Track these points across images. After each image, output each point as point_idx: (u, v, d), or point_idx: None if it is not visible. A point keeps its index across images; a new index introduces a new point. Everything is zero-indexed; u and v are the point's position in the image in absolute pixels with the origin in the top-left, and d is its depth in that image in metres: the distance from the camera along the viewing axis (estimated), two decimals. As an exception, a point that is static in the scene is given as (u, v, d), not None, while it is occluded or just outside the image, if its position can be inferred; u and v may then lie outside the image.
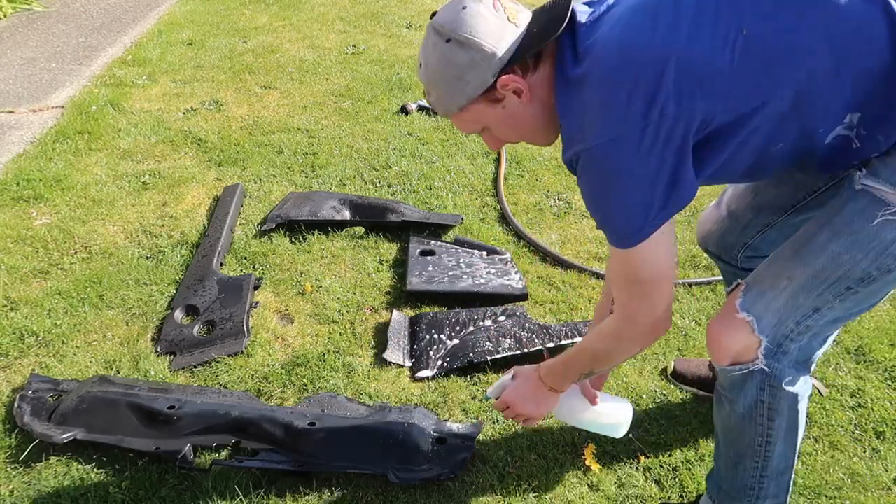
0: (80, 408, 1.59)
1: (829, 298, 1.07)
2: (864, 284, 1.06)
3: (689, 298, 2.11)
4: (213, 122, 3.17)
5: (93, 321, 1.96)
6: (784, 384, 1.14)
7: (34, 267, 2.18)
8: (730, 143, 1.02)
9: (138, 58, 3.89)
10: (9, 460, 1.55)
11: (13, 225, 2.38)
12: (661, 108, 0.95)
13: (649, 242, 1.03)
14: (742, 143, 1.02)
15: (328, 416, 1.58)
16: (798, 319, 1.10)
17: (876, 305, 1.12)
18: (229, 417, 1.56)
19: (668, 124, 0.96)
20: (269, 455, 1.51)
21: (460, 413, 1.69)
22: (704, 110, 0.97)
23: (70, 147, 2.90)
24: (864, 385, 1.81)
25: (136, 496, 1.46)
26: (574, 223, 2.47)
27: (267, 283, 2.13)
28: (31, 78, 3.64)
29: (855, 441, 1.65)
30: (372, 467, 1.48)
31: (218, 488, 1.48)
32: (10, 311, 1.99)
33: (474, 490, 1.50)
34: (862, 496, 1.51)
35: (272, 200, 2.55)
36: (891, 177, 1.02)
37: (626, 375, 1.81)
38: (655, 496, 1.50)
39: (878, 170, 1.03)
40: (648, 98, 0.95)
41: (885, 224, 1.02)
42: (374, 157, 2.86)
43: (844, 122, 1.00)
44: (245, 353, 1.85)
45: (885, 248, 1.03)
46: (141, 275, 2.15)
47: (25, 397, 1.66)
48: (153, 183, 2.66)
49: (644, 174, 0.99)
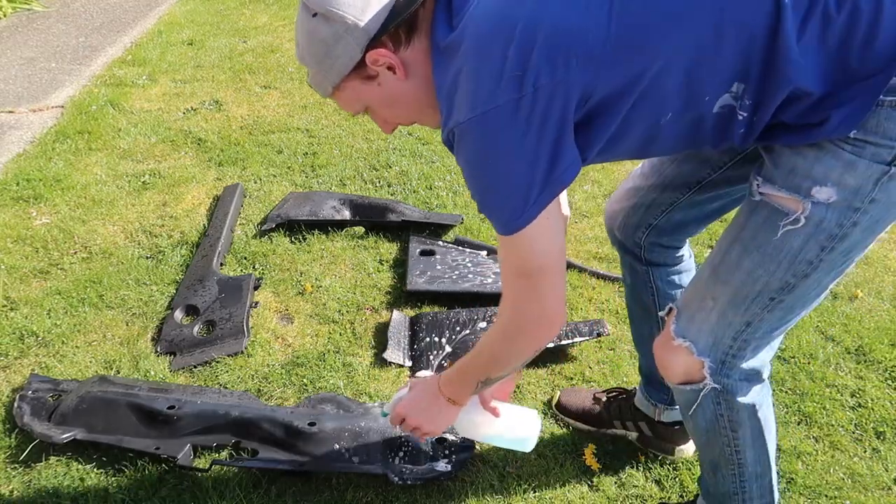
0: (80, 408, 1.59)
1: (757, 312, 1.06)
2: (786, 292, 1.04)
3: (689, 298, 2.11)
4: (213, 121, 3.17)
5: (93, 321, 1.96)
6: (738, 397, 1.13)
7: (34, 267, 2.18)
8: (615, 117, 0.96)
9: (138, 58, 3.89)
10: (9, 460, 1.55)
11: (13, 225, 2.38)
12: (534, 80, 0.89)
13: (535, 228, 0.96)
14: (628, 116, 0.96)
15: (328, 415, 1.58)
16: (733, 336, 1.08)
17: (820, 300, 1.10)
18: (229, 417, 1.56)
19: (543, 97, 0.90)
20: (269, 455, 1.51)
21: (460, 413, 1.69)
22: (583, 82, 0.91)
23: (70, 147, 2.90)
24: (865, 385, 1.81)
25: (136, 496, 1.46)
26: (574, 223, 2.47)
27: (267, 283, 2.13)
28: (30, 78, 3.64)
29: (855, 441, 1.65)
30: (372, 467, 1.48)
31: (218, 488, 1.48)
32: (10, 311, 1.99)
33: (474, 490, 1.50)
34: (862, 496, 1.51)
35: (272, 200, 2.55)
36: (785, 180, 0.99)
37: (626, 375, 1.81)
38: (655, 496, 1.50)
39: (773, 175, 1.00)
40: (520, 69, 0.89)
41: (789, 234, 0.99)
42: (374, 157, 2.86)
43: (731, 90, 0.94)
44: (245, 353, 1.85)
45: (795, 257, 1.01)
46: (141, 275, 2.14)
47: (25, 397, 1.66)
48: (153, 183, 2.66)
49: (521, 151, 0.92)
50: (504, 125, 0.91)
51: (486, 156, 0.95)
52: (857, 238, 1.00)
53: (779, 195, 1.00)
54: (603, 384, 1.77)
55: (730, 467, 1.23)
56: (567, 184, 0.96)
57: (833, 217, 0.97)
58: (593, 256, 2.29)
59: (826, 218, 0.97)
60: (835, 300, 2.15)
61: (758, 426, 1.18)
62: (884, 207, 0.97)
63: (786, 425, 1.69)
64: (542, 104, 0.90)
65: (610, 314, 2.03)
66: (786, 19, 0.88)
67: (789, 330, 1.98)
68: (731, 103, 0.95)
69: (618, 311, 2.04)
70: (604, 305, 2.07)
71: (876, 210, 0.96)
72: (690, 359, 1.11)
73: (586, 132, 0.97)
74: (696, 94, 0.95)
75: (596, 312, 2.04)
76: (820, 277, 1.03)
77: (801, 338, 1.97)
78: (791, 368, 1.86)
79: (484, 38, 0.92)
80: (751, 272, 1.04)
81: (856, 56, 0.89)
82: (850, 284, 2.22)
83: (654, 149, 1.08)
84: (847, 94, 0.90)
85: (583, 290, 2.12)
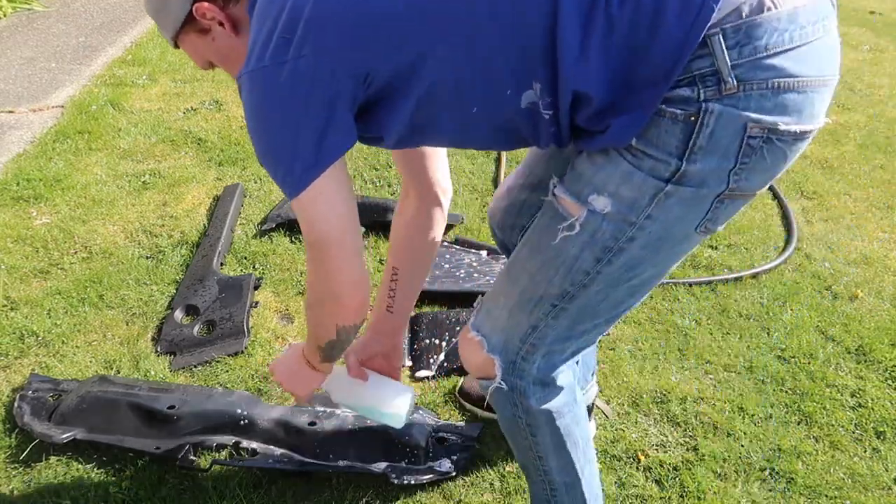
0: (80, 408, 1.59)
1: (541, 317, 1.04)
2: (567, 301, 1.01)
3: (689, 298, 2.11)
4: (213, 121, 3.17)
5: (93, 321, 1.96)
6: (532, 402, 1.10)
7: (34, 267, 2.17)
8: (406, 101, 0.94)
9: (138, 57, 3.89)
10: (9, 460, 1.55)
11: (13, 225, 2.38)
12: (299, 50, 0.88)
13: (310, 197, 0.95)
14: (426, 103, 0.94)
15: (328, 415, 1.58)
16: (521, 338, 1.06)
17: (619, 315, 1.07)
18: (229, 417, 1.56)
19: (308, 68, 0.89)
20: (269, 455, 1.51)
21: (460, 413, 1.69)
22: (358, 60, 0.90)
23: (70, 147, 2.90)
24: (865, 385, 1.81)
25: (136, 496, 1.46)
26: (574, 223, 2.47)
27: (267, 282, 2.13)
28: (30, 78, 3.64)
29: (855, 441, 1.65)
30: (372, 467, 1.48)
31: (218, 488, 1.48)
32: (10, 311, 1.99)
33: (474, 490, 1.50)
34: (862, 496, 1.51)
35: (272, 200, 2.55)
36: (571, 184, 0.98)
37: (626, 375, 1.81)
38: (655, 496, 1.50)
39: (567, 177, 0.99)
40: (289, 33, 0.89)
41: (566, 240, 0.98)
42: (375, 157, 2.86)
43: (533, 87, 0.92)
44: (245, 353, 1.85)
45: (571, 265, 0.99)
46: (141, 275, 2.14)
47: (25, 397, 1.66)
48: (153, 183, 2.66)
49: (285, 117, 0.92)
50: (270, 87, 0.91)
51: (254, 115, 0.95)
52: (638, 255, 0.97)
53: (563, 198, 0.98)
54: (603, 384, 1.77)
55: (537, 473, 1.21)
56: (335, 157, 0.95)
57: (608, 229, 0.95)
58: (593, 256, 2.29)
59: (601, 228, 0.95)
60: (835, 300, 2.15)
61: (558, 435, 1.14)
62: (662, 226, 0.94)
63: (786, 425, 1.69)
64: (307, 75, 0.89)
65: (610, 314, 2.03)
66: (563, 20, 0.85)
67: (788, 330, 1.99)
68: (534, 100, 0.93)
69: (618, 310, 2.04)
70: (604, 305, 2.07)
71: (654, 228, 0.94)
72: (483, 354, 1.09)
73: (377, 113, 0.97)
74: (494, 88, 0.93)
75: (596, 312, 2.04)
76: (605, 291, 1.00)
77: (801, 338, 1.97)
78: (791, 368, 1.86)
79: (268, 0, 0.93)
80: (533, 275, 1.02)
81: (639, 63, 0.86)
82: (850, 284, 2.22)
83: (473, 140, 1.06)
84: (629, 102, 0.88)
85: (583, 289, 2.12)
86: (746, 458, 1.60)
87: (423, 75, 0.92)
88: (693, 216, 0.95)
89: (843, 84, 4.07)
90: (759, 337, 1.98)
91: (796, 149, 0.92)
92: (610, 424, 1.66)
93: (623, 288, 1.02)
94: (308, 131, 0.93)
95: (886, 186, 2.90)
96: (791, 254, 2.36)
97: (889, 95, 3.95)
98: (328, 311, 1.09)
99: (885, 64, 4.52)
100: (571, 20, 0.85)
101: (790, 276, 2.26)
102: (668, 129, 0.88)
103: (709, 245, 2.40)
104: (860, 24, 5.41)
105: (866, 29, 5.28)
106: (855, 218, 2.64)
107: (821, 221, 2.61)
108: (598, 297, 1.02)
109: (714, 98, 0.85)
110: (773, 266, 2.28)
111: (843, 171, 3.02)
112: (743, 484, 1.53)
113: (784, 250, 2.38)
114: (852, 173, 3.00)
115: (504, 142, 1.05)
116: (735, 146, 0.87)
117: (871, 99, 3.87)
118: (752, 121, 0.86)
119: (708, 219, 0.95)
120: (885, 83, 4.14)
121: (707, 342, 1.94)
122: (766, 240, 2.45)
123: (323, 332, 1.14)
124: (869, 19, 5.59)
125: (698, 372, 1.84)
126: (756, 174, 0.91)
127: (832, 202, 2.75)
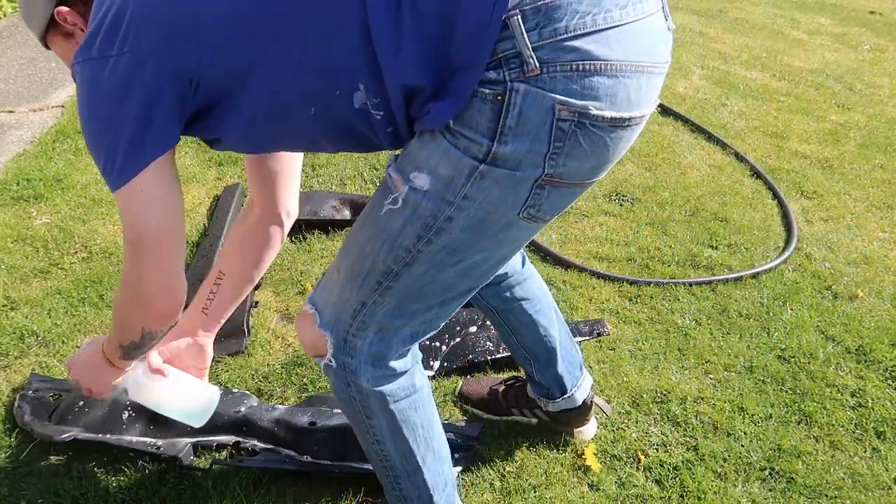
0: (80, 408, 1.59)
1: (369, 293, 1.03)
2: (392, 279, 1.01)
3: (689, 298, 2.11)
4: (213, 121, 3.17)
5: (93, 321, 1.96)
6: (364, 382, 1.09)
7: (34, 266, 2.17)
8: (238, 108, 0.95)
9: (138, 57, 3.88)
10: (9, 460, 1.55)
11: (13, 225, 2.38)
12: (121, 47, 0.90)
13: (130, 195, 0.96)
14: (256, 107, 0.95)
15: (328, 415, 1.58)
16: (352, 314, 1.05)
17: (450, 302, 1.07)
18: (229, 417, 1.56)
19: (128, 66, 0.90)
20: (269, 455, 1.51)
21: (460, 413, 1.69)
22: (178, 62, 0.91)
23: (70, 147, 2.90)
24: (865, 385, 1.81)
25: (136, 496, 1.46)
26: (574, 223, 2.47)
27: (267, 282, 2.13)
28: (31, 77, 3.64)
29: (855, 441, 1.65)
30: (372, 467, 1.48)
31: (218, 488, 1.48)
32: (10, 311, 1.99)
33: (474, 490, 1.50)
34: (862, 496, 1.51)
35: (272, 200, 2.55)
36: (400, 162, 0.98)
37: (626, 375, 1.81)
38: (656, 496, 1.50)
39: (398, 155, 1.00)
40: (113, 31, 0.90)
41: (391, 214, 0.98)
42: (374, 157, 2.86)
43: (359, 89, 0.92)
44: (245, 353, 1.85)
45: (394, 240, 0.99)
46: (141, 274, 2.14)
47: (25, 397, 1.66)
48: (153, 183, 2.66)
49: (105, 111, 0.93)
50: (95, 79, 0.93)
51: (82, 105, 0.96)
52: (459, 238, 0.97)
53: (392, 174, 0.99)
54: (603, 384, 1.77)
55: (377, 459, 1.20)
56: (154, 156, 0.95)
57: (428, 206, 0.96)
58: (593, 256, 2.29)
59: (421, 205, 0.96)
60: (835, 300, 2.15)
61: (393, 420, 1.13)
62: (481, 208, 0.94)
63: (786, 425, 1.69)
64: (128, 71, 0.90)
65: (610, 314, 2.03)
66: (373, 17, 0.87)
67: (788, 330, 1.99)
68: (364, 101, 0.94)
69: (618, 310, 2.04)
70: (604, 305, 2.07)
71: (472, 209, 0.94)
72: (315, 329, 1.08)
73: (211, 117, 0.98)
74: (325, 91, 0.94)
75: (596, 312, 2.04)
76: (430, 273, 1.01)
77: (801, 338, 1.97)
78: (791, 368, 1.86)
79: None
80: (361, 248, 1.03)
81: (452, 49, 0.87)
82: (850, 284, 2.22)
83: (320, 144, 1.06)
84: (449, 88, 0.89)
85: (583, 289, 2.12)
86: (746, 457, 1.60)
87: (253, 83, 0.93)
88: (512, 200, 0.94)
89: (843, 84, 4.07)
90: (760, 337, 1.98)
91: (618, 137, 0.92)
92: (610, 424, 1.66)
93: (450, 272, 1.01)
94: (128, 127, 0.93)
95: (886, 186, 2.91)
96: (791, 254, 2.36)
97: (889, 95, 3.95)
98: (136, 312, 1.08)
99: (885, 64, 4.52)
100: (381, 17, 0.87)
101: (790, 276, 2.26)
102: (479, 109, 0.88)
103: (709, 245, 2.40)
104: (860, 24, 5.41)
105: (866, 29, 5.28)
106: (855, 218, 2.64)
107: (821, 221, 2.61)
108: (425, 279, 1.02)
109: (519, 79, 0.86)
110: (773, 266, 2.28)
111: (843, 171, 3.02)
112: (743, 484, 1.53)
113: (784, 250, 2.38)
114: (852, 173, 3.00)
115: (351, 145, 1.05)
116: (546, 129, 0.88)
117: (871, 99, 3.87)
118: (560, 103, 0.86)
119: (530, 205, 0.95)
120: (885, 83, 4.14)
121: (707, 342, 1.95)
122: (766, 240, 2.45)
123: (127, 332, 1.14)
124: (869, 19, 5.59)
125: (698, 372, 1.84)
126: (574, 160, 0.91)
127: (832, 202, 2.75)
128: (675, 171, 2.91)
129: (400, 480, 1.21)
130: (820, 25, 5.34)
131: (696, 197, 2.72)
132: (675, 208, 2.63)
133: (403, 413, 1.14)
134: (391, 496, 1.26)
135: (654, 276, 2.22)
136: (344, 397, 1.14)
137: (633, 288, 2.15)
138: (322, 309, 1.09)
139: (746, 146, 3.20)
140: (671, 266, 2.27)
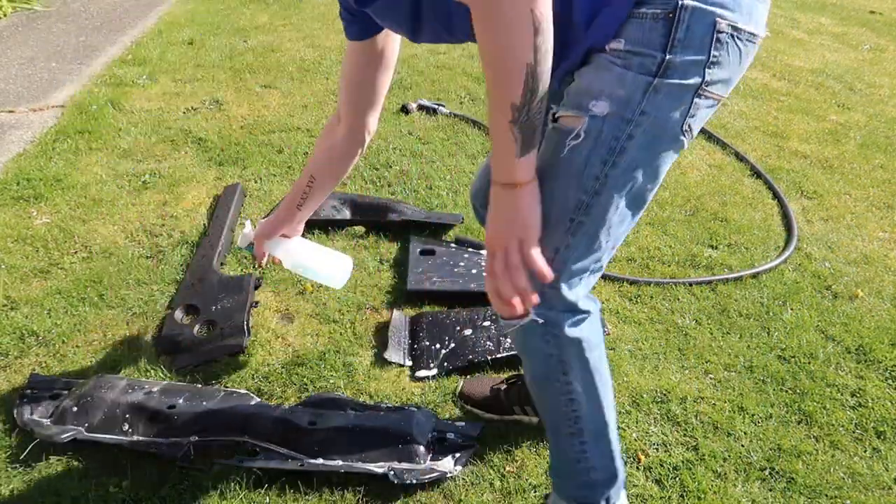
0: (81, 407, 1.59)
1: (561, 236, 1.07)
2: (582, 213, 1.06)
3: (689, 298, 2.11)
4: (213, 121, 3.17)
5: (93, 321, 1.96)
6: (565, 330, 1.13)
7: (34, 266, 2.17)
8: None
9: (138, 57, 3.88)
10: (9, 460, 1.55)
11: (13, 224, 2.38)
12: None
13: None
14: None
15: (328, 415, 1.58)
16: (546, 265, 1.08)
17: (626, 229, 1.11)
18: (229, 417, 1.56)
19: None
20: (269, 455, 1.51)
21: (460, 413, 1.69)
22: None
23: (70, 146, 2.90)
24: (865, 385, 1.81)
25: (136, 496, 1.46)
26: (574, 223, 2.47)
27: (267, 282, 2.13)
28: (31, 77, 3.64)
29: (855, 441, 1.65)
30: (372, 467, 1.48)
31: (218, 488, 1.48)
32: (10, 311, 1.99)
33: (474, 490, 1.50)
34: (862, 496, 1.51)
35: (272, 200, 2.55)
36: (571, 101, 1.04)
37: (626, 375, 1.81)
38: (656, 496, 1.50)
39: (564, 100, 1.06)
40: None
41: (574, 150, 1.03)
42: (375, 157, 2.86)
43: None
44: (245, 353, 1.85)
45: (581, 172, 1.04)
46: (141, 274, 2.14)
47: (25, 397, 1.66)
48: (153, 182, 2.66)
49: None
50: None
51: None
52: (637, 156, 1.03)
53: (565, 115, 1.04)
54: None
55: (568, 424, 1.22)
56: None
57: (609, 129, 1.01)
58: (593, 256, 2.29)
59: (603, 130, 1.02)
60: (835, 300, 2.15)
61: (588, 371, 1.18)
62: (655, 123, 1.01)
63: (786, 425, 1.69)
64: None
65: (610, 314, 2.03)
66: None
67: (788, 329, 1.99)
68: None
69: (618, 310, 2.04)
70: (604, 305, 2.07)
71: (648, 124, 1.01)
72: None
73: None
74: None
75: (596, 312, 2.04)
76: (614, 199, 1.06)
77: (801, 337, 1.97)
78: (791, 368, 1.86)
79: None
80: (549, 195, 1.05)
81: None
82: (850, 284, 2.22)
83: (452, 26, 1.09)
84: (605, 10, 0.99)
85: (583, 289, 2.12)
86: (746, 457, 1.60)
87: None
88: (679, 111, 1.02)
89: (844, 84, 4.07)
90: (760, 337, 1.98)
91: (747, 53, 1.03)
92: (610, 424, 1.66)
93: (628, 195, 1.07)
94: None
95: (886, 186, 2.91)
96: (791, 253, 2.36)
97: (889, 95, 3.95)
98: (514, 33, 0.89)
99: (885, 64, 4.52)
100: None
101: (790, 275, 2.26)
102: (651, 27, 0.98)
103: (709, 245, 2.40)
104: (860, 23, 5.41)
105: (866, 28, 5.27)
106: (855, 217, 2.64)
107: (821, 221, 2.61)
108: (610, 207, 1.06)
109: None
110: (773, 266, 2.28)
111: (843, 170, 3.02)
112: (743, 484, 1.53)
113: (784, 250, 2.38)
114: (852, 173, 3.00)
115: None
116: (708, 40, 0.98)
117: (871, 99, 3.87)
118: (719, 16, 0.97)
119: (690, 115, 1.03)
120: (885, 83, 4.14)
121: (707, 342, 1.95)
122: (766, 239, 2.45)
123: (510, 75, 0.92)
124: (870, 19, 5.59)
125: (698, 372, 1.84)
126: (723, 69, 1.01)
127: (832, 202, 2.75)
128: (675, 170, 2.91)
129: (587, 447, 1.23)
130: (820, 25, 5.34)
131: (696, 196, 2.72)
132: (675, 208, 2.63)
133: (595, 362, 1.19)
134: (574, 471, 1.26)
135: (654, 275, 2.22)
136: (540, 359, 1.17)
137: (633, 288, 2.15)
138: None
139: (746, 146, 3.20)
140: (671, 266, 2.27)
